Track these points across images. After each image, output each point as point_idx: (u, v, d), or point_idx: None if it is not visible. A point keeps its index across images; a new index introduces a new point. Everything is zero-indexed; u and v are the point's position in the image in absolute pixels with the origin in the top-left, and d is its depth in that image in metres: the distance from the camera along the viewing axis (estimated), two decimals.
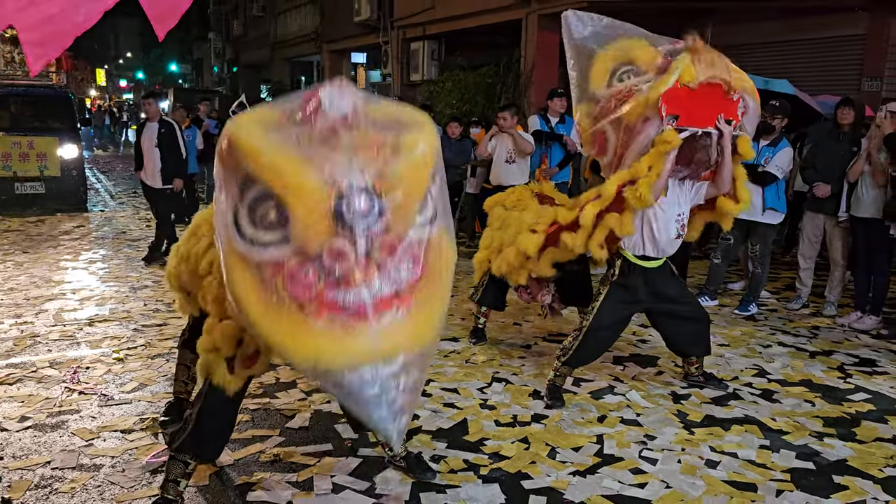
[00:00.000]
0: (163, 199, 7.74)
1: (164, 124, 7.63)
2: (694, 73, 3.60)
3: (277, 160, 1.83)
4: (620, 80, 3.79)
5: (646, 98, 3.62)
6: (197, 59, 42.42)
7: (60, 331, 5.25)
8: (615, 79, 3.80)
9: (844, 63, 10.22)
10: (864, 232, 5.65)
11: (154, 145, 7.53)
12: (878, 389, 4.44)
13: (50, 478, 3.17)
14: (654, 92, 3.60)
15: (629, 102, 3.70)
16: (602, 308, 3.98)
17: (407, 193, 1.89)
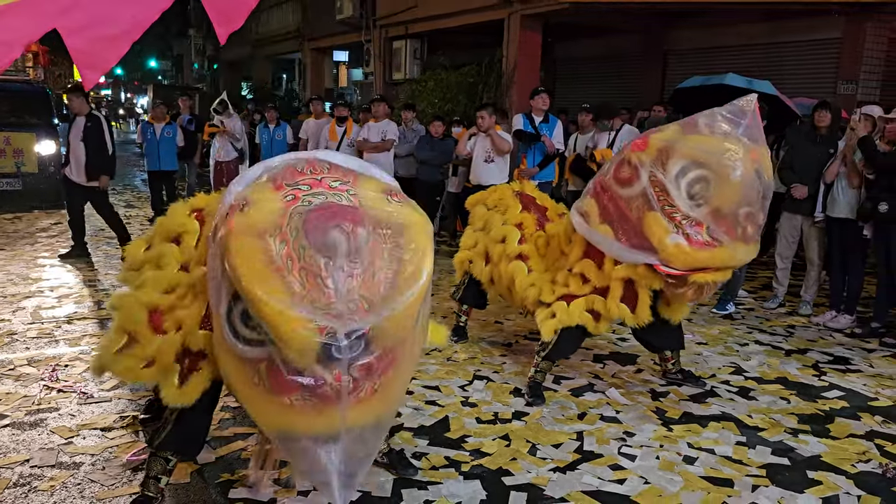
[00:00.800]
0: (89, 197, 7.50)
1: (91, 118, 7.46)
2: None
3: (268, 313, 1.87)
4: (689, 186, 3.40)
5: (661, 246, 3.46)
6: (177, 56, 42.04)
7: (38, 328, 5.20)
8: (685, 179, 3.41)
9: (821, 66, 10.38)
10: (839, 232, 5.76)
11: (79, 140, 7.36)
12: (851, 387, 4.53)
13: (29, 476, 3.15)
14: (664, 256, 3.47)
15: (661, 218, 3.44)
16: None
17: (395, 334, 1.97)
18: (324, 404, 1.92)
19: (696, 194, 3.39)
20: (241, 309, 1.96)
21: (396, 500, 3.05)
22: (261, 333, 1.93)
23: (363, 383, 1.94)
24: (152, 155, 10.18)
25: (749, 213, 3.39)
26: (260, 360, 1.96)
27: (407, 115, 9.35)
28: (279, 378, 1.93)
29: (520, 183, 5.24)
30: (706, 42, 11.92)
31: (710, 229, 3.40)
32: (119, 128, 40.39)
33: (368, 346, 1.90)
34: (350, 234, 1.91)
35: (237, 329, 1.99)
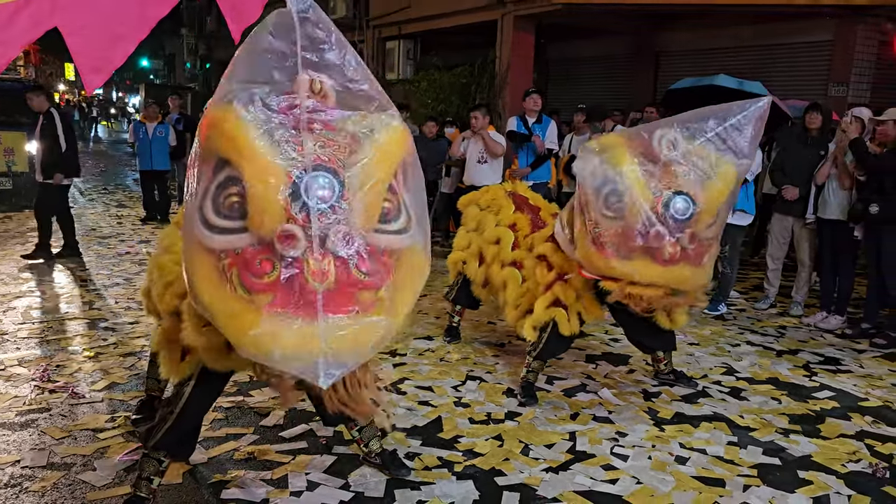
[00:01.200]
0: (47, 194, 7.46)
1: (47, 116, 7.41)
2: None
3: (245, 141, 1.85)
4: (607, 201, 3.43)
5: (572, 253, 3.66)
6: (169, 55, 41.93)
7: (29, 329, 5.18)
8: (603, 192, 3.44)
9: (812, 68, 10.44)
10: (830, 234, 5.79)
11: (37, 138, 7.34)
12: (841, 387, 4.56)
13: (20, 476, 3.14)
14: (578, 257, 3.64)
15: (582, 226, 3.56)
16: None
17: (370, 186, 1.90)
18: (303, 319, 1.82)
19: (612, 207, 3.39)
20: (213, 189, 1.90)
21: (389, 500, 3.05)
22: (233, 217, 1.87)
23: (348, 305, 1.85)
24: (144, 155, 10.15)
25: (658, 234, 3.30)
26: (234, 260, 1.87)
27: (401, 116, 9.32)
28: (253, 270, 1.84)
29: (512, 183, 5.25)
30: (698, 44, 11.97)
31: (617, 244, 3.39)
32: (110, 127, 40.25)
33: (342, 202, 1.85)
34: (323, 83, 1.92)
35: (208, 219, 1.91)
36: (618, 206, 3.36)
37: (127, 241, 8.68)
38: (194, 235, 1.94)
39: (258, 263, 1.84)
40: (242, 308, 1.86)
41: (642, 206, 3.30)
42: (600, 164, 3.43)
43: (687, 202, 3.30)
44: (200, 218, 1.92)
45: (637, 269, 3.38)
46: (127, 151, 21.89)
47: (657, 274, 3.38)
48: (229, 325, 1.92)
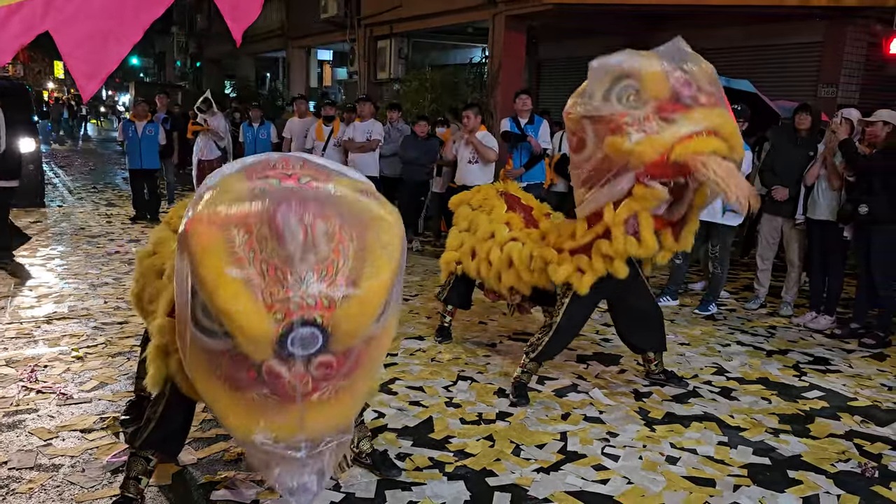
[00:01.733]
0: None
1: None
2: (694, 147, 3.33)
3: (223, 300, 1.82)
4: (619, 98, 3.46)
5: (630, 151, 3.42)
6: (159, 53, 41.69)
7: (17, 328, 5.14)
8: (613, 93, 3.48)
9: (802, 69, 10.48)
10: (819, 234, 5.82)
11: None
12: (831, 387, 4.58)
13: (7, 478, 3.11)
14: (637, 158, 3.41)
15: (616, 136, 3.45)
16: (571, 305, 4.00)
17: (354, 327, 1.91)
18: (283, 402, 1.90)
19: (629, 100, 3.42)
20: (201, 299, 1.91)
21: (380, 500, 3.03)
22: (219, 325, 1.89)
23: (323, 384, 1.91)
24: (134, 153, 10.07)
25: (686, 81, 3.39)
26: (221, 354, 1.94)
27: (392, 115, 9.34)
28: (239, 373, 1.92)
29: (504, 183, 5.24)
30: (689, 45, 11.99)
31: (658, 118, 3.39)
32: (100, 125, 40.02)
33: (327, 341, 1.86)
34: (311, 226, 1.86)
35: (199, 319, 1.94)
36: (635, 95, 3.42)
37: (116, 241, 8.63)
38: (187, 324, 2.01)
39: (245, 370, 1.91)
40: (229, 399, 1.99)
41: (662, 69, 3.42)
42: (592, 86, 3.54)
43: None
44: (191, 315, 1.97)
45: (695, 118, 3.35)
46: (116, 150, 21.77)
47: (711, 117, 3.36)
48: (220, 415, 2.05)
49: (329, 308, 1.84)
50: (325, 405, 1.95)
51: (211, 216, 1.90)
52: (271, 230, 1.84)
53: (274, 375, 1.86)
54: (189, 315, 1.96)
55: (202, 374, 2.04)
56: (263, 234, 1.84)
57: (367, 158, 8.69)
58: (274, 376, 1.86)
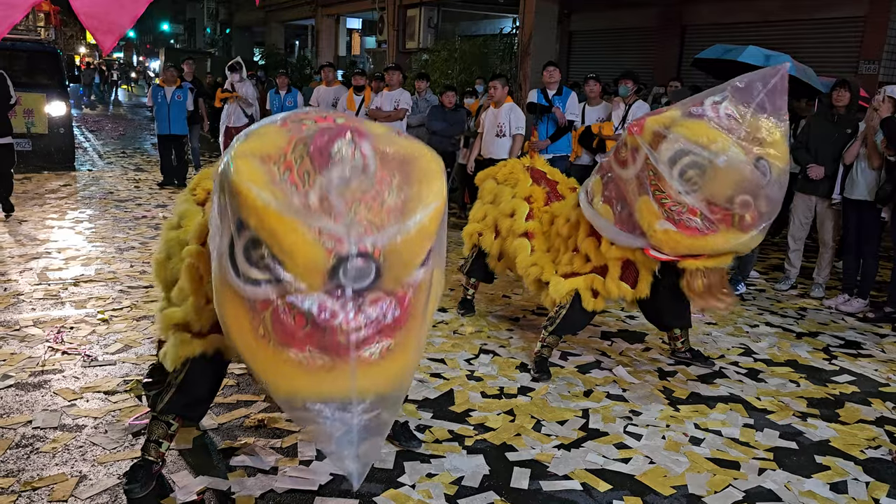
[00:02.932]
0: (1, 155, 7.43)
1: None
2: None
3: (275, 223, 1.75)
4: (683, 172, 3.28)
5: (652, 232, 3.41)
6: (189, 20, 41.78)
7: (45, 290, 5.19)
8: (681, 163, 3.29)
9: (843, 45, 10.16)
10: (855, 214, 5.65)
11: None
12: (862, 372, 4.47)
13: (31, 437, 3.14)
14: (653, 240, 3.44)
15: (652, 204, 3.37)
16: None
17: (406, 260, 1.85)
18: (333, 359, 1.80)
19: (690, 180, 3.29)
20: (244, 243, 1.83)
21: (399, 472, 3.02)
22: (265, 270, 1.81)
23: (375, 338, 1.82)
24: (162, 119, 10.10)
25: (745, 202, 3.28)
26: (265, 305, 1.83)
27: (420, 85, 9.24)
28: (285, 326, 1.81)
29: (531, 158, 5.16)
30: (725, 17, 11.69)
31: (703, 216, 3.32)
32: (131, 91, 40.29)
33: (379, 274, 1.79)
34: (356, 147, 1.81)
35: (240, 267, 1.86)
36: (698, 178, 3.27)
37: (144, 206, 8.68)
38: (226, 279, 1.90)
39: (292, 318, 1.80)
40: (273, 358, 1.85)
41: (738, 175, 3.24)
42: (675, 139, 3.31)
43: (766, 166, 3.28)
44: (231, 265, 1.87)
45: (726, 239, 3.32)
46: (146, 115, 21.88)
47: (740, 241, 3.35)
48: (261, 373, 1.94)
49: (379, 239, 1.78)
50: (377, 365, 1.86)
51: (252, 151, 1.84)
52: (315, 161, 1.79)
53: (325, 314, 1.77)
54: (229, 263, 1.87)
55: (244, 333, 1.91)
56: (306, 168, 1.79)
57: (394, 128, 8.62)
58: (325, 314, 1.77)
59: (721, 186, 3.26)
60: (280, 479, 2.91)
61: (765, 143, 3.30)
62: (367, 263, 1.77)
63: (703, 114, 3.33)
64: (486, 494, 2.90)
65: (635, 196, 3.48)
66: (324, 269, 1.75)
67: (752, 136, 3.29)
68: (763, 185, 3.30)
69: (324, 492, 2.85)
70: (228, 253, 1.88)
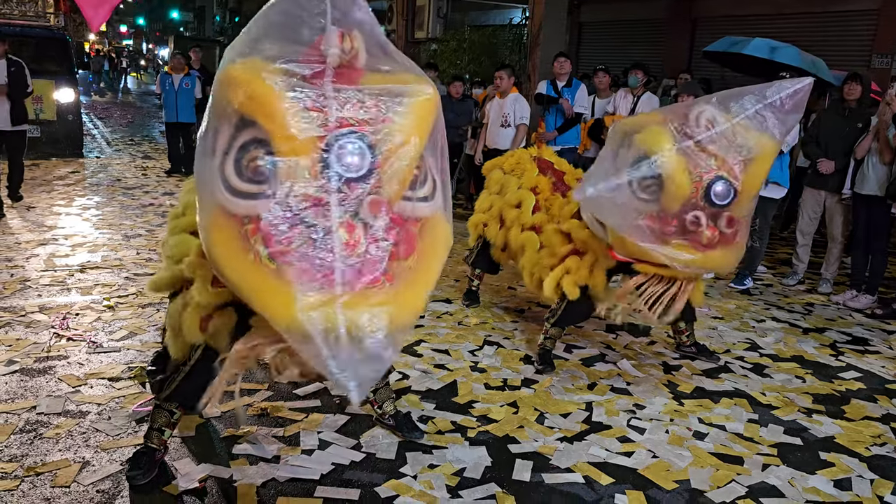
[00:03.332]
0: (15, 142, 7.50)
1: (13, 63, 7.33)
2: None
3: (274, 103, 1.75)
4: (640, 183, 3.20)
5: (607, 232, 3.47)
6: (199, 7, 41.77)
7: (51, 276, 5.21)
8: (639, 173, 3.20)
9: (856, 38, 10.06)
10: (865, 210, 5.60)
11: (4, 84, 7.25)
12: (869, 368, 4.44)
13: (35, 422, 3.15)
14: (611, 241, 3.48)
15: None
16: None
17: (401, 153, 1.81)
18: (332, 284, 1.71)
19: (647, 189, 3.18)
20: (236, 151, 1.81)
21: (401, 462, 3.02)
22: (258, 182, 1.76)
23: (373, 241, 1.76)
24: (170, 106, 10.10)
25: (694, 219, 3.15)
26: (255, 228, 1.75)
27: (429, 75, 9.19)
28: (277, 241, 1.73)
29: (537, 148, 5.13)
30: (736, 10, 11.59)
31: (654, 228, 3.21)
32: (140, 78, 40.33)
33: (374, 171, 1.76)
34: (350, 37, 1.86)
35: (230, 181, 1.80)
36: (654, 189, 3.17)
37: (151, 193, 8.70)
38: (215, 199, 1.83)
39: (286, 229, 1.73)
40: (269, 281, 1.75)
41: (681, 191, 3.12)
42: (635, 145, 3.23)
43: (727, 186, 3.13)
44: (222, 180, 1.81)
45: (673, 253, 3.20)
46: (155, 103, 21.90)
47: (693, 259, 3.22)
48: (256, 300, 1.82)
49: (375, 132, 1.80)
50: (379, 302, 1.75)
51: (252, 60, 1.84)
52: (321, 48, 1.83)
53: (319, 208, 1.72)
54: (220, 179, 1.82)
55: (235, 261, 1.82)
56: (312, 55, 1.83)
57: None
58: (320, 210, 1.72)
59: (668, 200, 3.15)
60: (282, 468, 2.91)
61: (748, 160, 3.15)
62: (361, 153, 1.75)
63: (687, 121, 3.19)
64: (487, 486, 2.90)
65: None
66: (317, 154, 1.73)
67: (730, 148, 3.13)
68: (722, 206, 3.14)
69: (325, 481, 2.85)
70: (219, 168, 1.83)
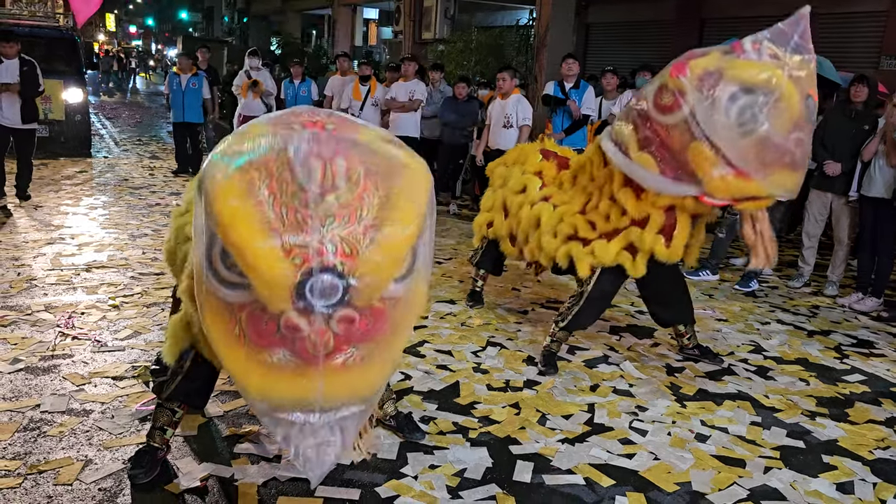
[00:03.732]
0: (25, 140, 7.52)
1: (26, 62, 7.38)
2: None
3: (239, 237, 1.74)
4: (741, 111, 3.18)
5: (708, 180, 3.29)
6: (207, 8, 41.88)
7: (57, 275, 5.24)
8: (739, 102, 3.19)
9: (864, 40, 10.01)
10: (872, 212, 5.58)
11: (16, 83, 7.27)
12: (873, 371, 4.42)
13: (39, 420, 3.18)
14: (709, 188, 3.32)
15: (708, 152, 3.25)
16: (603, 275, 3.88)
17: (378, 279, 1.80)
18: (304, 365, 1.79)
19: (747, 122, 3.17)
20: (220, 247, 1.82)
21: (402, 463, 3.02)
22: (240, 275, 1.79)
23: (345, 346, 1.80)
24: (177, 106, 10.14)
25: (799, 139, 3.20)
26: (242, 307, 1.82)
27: (434, 76, 9.20)
28: (259, 327, 1.80)
29: (541, 141, 5.08)
30: (745, 11, 11.54)
31: (758, 157, 3.20)
32: (149, 79, 40.51)
33: (348, 292, 1.75)
34: (331, 164, 1.78)
35: (217, 270, 1.84)
36: (752, 120, 3.15)
37: (158, 193, 8.74)
38: (203, 283, 1.90)
39: (264, 323, 1.79)
40: (248, 361, 1.84)
41: (793, 111, 3.15)
42: (729, 79, 3.20)
43: (812, 105, 3.22)
44: (208, 266, 1.86)
45: (779, 181, 3.22)
46: (163, 103, 21.99)
47: (794, 181, 3.26)
48: (237, 375, 1.92)
49: (350, 256, 1.73)
50: (347, 372, 1.83)
51: (230, 157, 1.83)
52: (291, 171, 1.76)
53: (293, 329, 1.75)
54: (207, 266, 1.87)
55: (220, 333, 1.92)
56: (285, 178, 1.75)
57: (408, 119, 8.59)
58: (293, 329, 1.75)
59: (778, 125, 3.15)
60: (283, 468, 2.92)
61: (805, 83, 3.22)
62: (333, 280, 1.73)
63: (748, 54, 3.25)
64: (487, 487, 2.90)
65: (684, 142, 3.32)
66: (290, 286, 1.72)
67: (795, 76, 3.20)
68: (813, 122, 3.26)
69: (326, 481, 2.84)
70: (206, 255, 1.87)
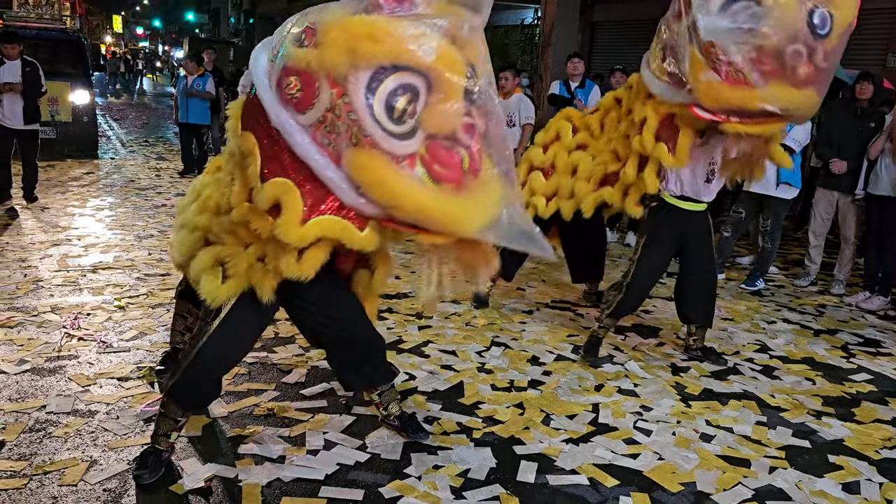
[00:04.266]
0: (28, 141, 7.53)
1: (28, 64, 7.40)
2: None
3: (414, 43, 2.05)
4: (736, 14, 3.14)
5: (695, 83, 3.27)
6: (214, 9, 42.05)
7: (64, 276, 5.26)
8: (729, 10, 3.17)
9: (871, 37, 9.94)
10: (878, 211, 5.55)
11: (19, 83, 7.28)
12: (880, 370, 4.40)
13: (45, 421, 3.19)
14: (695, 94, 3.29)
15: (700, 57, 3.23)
16: (641, 267, 4.06)
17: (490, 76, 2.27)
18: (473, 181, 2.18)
19: (740, 29, 3.12)
20: (385, 104, 2.04)
21: (405, 463, 3.02)
22: (407, 123, 2.06)
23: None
24: (181, 107, 10.17)
25: (797, 52, 3.10)
26: (414, 158, 2.09)
27: None
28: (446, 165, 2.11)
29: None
30: None
31: (752, 67, 3.13)
32: (156, 80, 40.65)
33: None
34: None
35: (385, 127, 2.06)
36: (752, 22, 3.10)
37: (164, 194, 8.77)
38: (377, 151, 2.08)
39: (449, 154, 2.12)
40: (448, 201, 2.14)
41: (790, 15, 3.07)
42: None
43: (825, 16, 3.13)
44: (381, 130, 2.06)
45: (774, 94, 3.12)
46: (170, 105, 22.06)
47: (792, 98, 3.15)
48: (436, 215, 2.16)
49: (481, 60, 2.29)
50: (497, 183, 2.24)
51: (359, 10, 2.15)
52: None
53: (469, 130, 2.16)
54: (380, 131, 2.06)
55: (416, 192, 2.12)
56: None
57: None
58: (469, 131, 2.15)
59: (772, 34, 3.09)
60: (287, 468, 2.92)
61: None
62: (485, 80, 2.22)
63: None
64: (491, 487, 2.89)
65: (686, 48, 3.33)
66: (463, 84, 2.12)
67: None
68: (821, 35, 3.13)
69: (329, 482, 2.86)
70: (371, 118, 2.06)
